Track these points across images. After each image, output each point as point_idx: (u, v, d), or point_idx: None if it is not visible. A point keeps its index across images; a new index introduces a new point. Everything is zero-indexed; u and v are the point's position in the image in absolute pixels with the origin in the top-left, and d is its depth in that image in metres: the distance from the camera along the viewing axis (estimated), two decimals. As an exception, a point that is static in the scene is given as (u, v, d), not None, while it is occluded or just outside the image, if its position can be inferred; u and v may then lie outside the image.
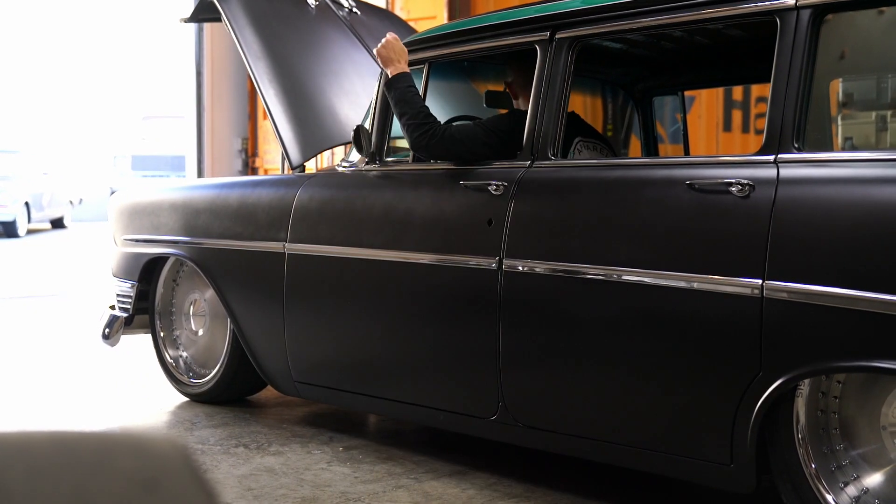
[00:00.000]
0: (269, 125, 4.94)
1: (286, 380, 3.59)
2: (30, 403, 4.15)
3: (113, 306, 4.36)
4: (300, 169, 3.82)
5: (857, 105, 2.77)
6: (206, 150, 9.34)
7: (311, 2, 4.36)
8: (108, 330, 4.29)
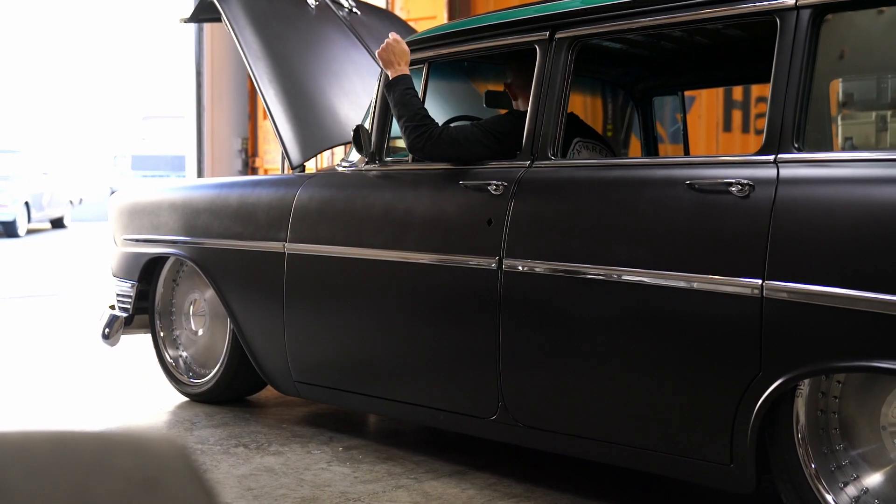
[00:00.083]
0: (269, 125, 4.94)
1: (286, 380, 3.59)
2: (30, 403, 4.15)
3: (113, 306, 4.36)
4: (300, 169, 3.82)
5: (857, 105, 2.77)
6: (206, 150, 9.34)
7: (311, 2, 4.36)
8: (108, 330, 4.29)
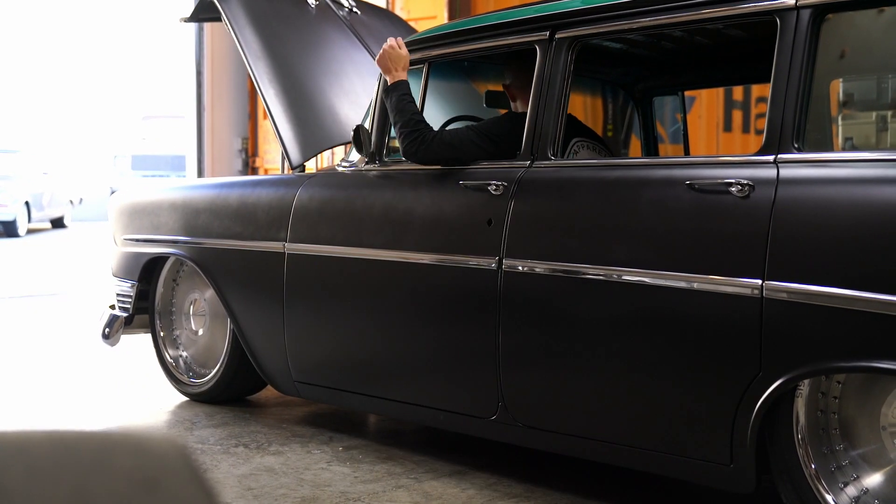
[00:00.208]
0: (269, 125, 4.94)
1: (286, 379, 3.59)
2: (29, 403, 4.15)
3: (113, 306, 4.36)
4: (300, 169, 3.82)
5: (857, 105, 2.77)
6: (206, 150, 9.34)
7: (311, 2, 4.36)
8: (108, 329, 4.29)
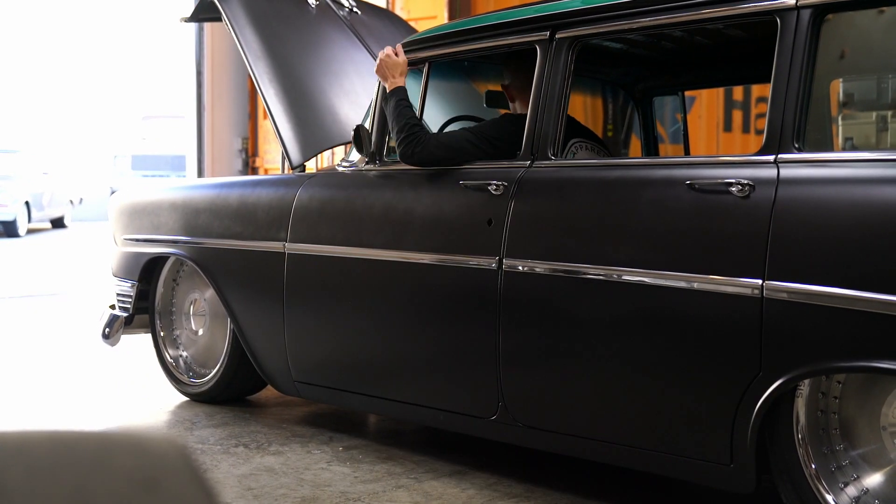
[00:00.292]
0: (269, 125, 4.94)
1: (286, 379, 3.59)
2: (29, 403, 4.15)
3: (113, 306, 4.36)
4: (300, 169, 3.82)
5: (857, 105, 2.77)
6: (206, 150, 9.34)
7: (311, 2, 4.36)
8: (108, 329, 4.29)
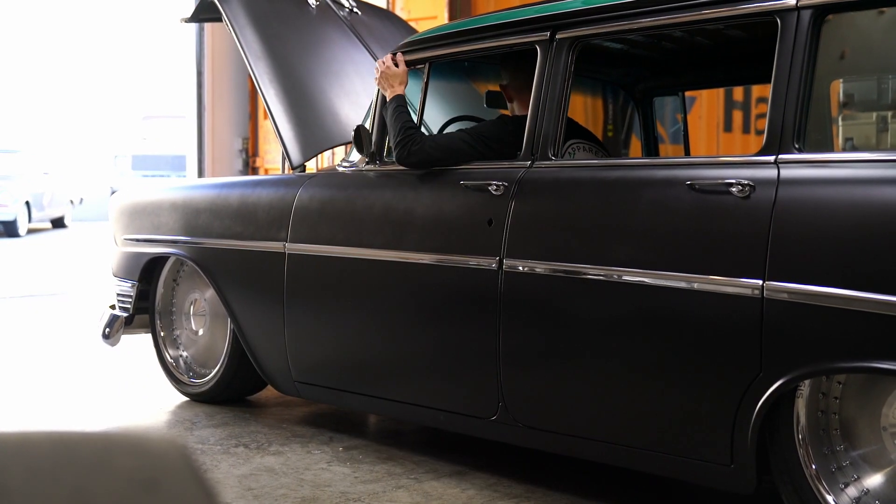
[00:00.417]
0: (269, 125, 4.94)
1: (286, 380, 3.59)
2: (30, 403, 4.15)
3: (113, 306, 4.36)
4: (301, 169, 3.82)
5: (857, 106, 2.77)
6: (206, 150, 9.33)
7: (311, 2, 4.36)
8: (108, 329, 4.29)
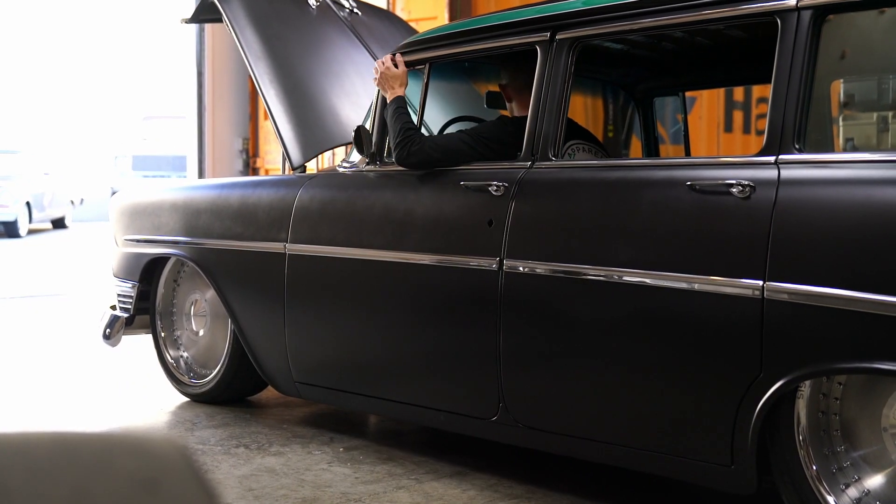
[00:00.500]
0: (269, 125, 4.94)
1: (287, 380, 3.59)
2: (30, 403, 4.15)
3: (114, 306, 4.36)
4: (301, 169, 3.82)
5: (858, 106, 2.77)
6: (206, 151, 9.34)
7: (311, 2, 4.36)
8: (108, 330, 4.29)
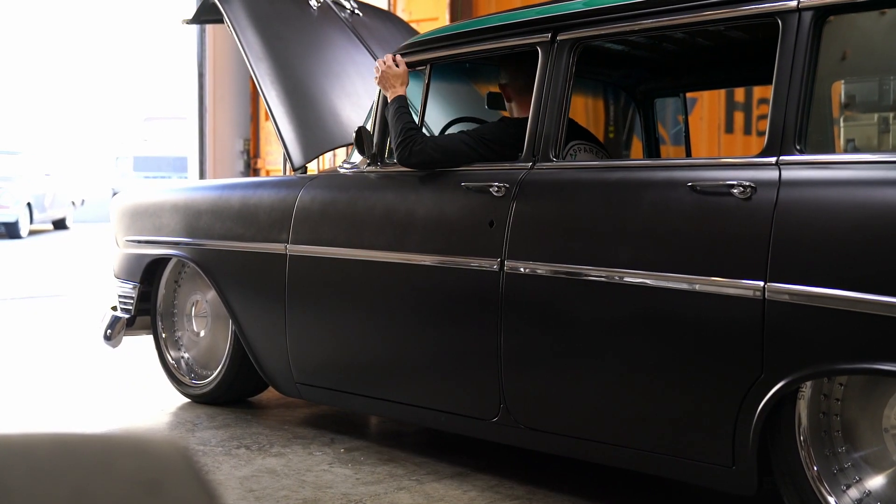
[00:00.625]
0: (270, 126, 4.94)
1: (288, 381, 3.59)
2: (31, 405, 4.15)
3: (115, 307, 4.36)
4: (302, 170, 3.82)
5: (859, 107, 2.77)
6: (207, 152, 9.34)
7: (312, 3, 4.36)
8: (109, 331, 4.29)
